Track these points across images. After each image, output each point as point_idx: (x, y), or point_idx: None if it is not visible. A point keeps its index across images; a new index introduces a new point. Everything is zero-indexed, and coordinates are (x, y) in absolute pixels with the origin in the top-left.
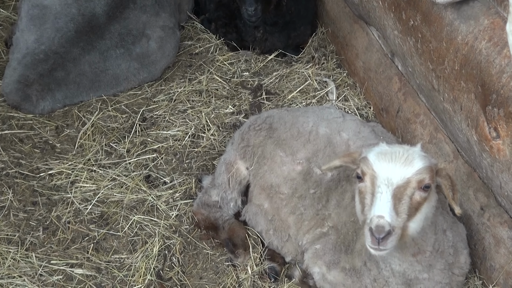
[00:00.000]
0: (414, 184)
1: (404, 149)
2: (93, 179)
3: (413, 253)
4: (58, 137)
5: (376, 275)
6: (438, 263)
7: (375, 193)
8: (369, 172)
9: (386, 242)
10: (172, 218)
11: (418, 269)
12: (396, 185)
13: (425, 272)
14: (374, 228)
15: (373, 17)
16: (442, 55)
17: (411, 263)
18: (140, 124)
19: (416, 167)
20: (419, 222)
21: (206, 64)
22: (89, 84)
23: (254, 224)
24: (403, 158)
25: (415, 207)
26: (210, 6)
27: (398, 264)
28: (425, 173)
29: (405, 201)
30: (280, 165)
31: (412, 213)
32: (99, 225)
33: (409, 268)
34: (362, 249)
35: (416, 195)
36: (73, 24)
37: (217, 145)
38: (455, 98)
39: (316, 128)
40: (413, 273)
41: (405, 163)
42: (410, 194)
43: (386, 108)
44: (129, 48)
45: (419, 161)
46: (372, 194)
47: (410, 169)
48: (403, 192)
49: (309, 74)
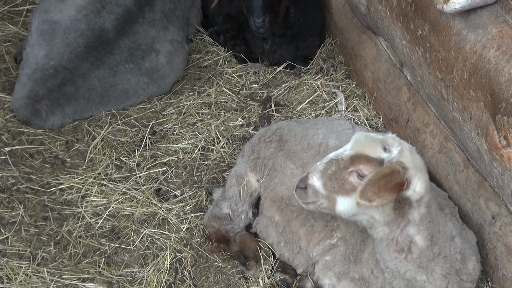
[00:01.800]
0: (348, 164)
1: (373, 136)
2: (104, 193)
3: (396, 250)
4: (68, 152)
5: (382, 282)
6: (438, 267)
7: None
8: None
9: (304, 195)
10: (183, 231)
11: (411, 268)
12: (333, 156)
13: (422, 274)
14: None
15: (381, 28)
16: (450, 64)
17: (400, 261)
18: (149, 137)
19: (355, 152)
20: (349, 205)
21: (215, 77)
22: (98, 99)
23: (265, 236)
24: (360, 141)
25: (350, 188)
26: (219, 18)
27: (389, 261)
28: (363, 163)
29: (332, 172)
30: (291, 178)
31: (343, 191)
32: (110, 239)
33: (401, 267)
34: (370, 258)
35: (352, 178)
36: (82, 39)
37: (227, 158)
38: (465, 107)
39: (326, 140)
40: (408, 272)
41: (356, 145)
42: (343, 170)
43: (395, 118)
44: (138, 63)
45: (365, 149)
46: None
47: (351, 152)
48: (337, 165)
49: (318, 85)
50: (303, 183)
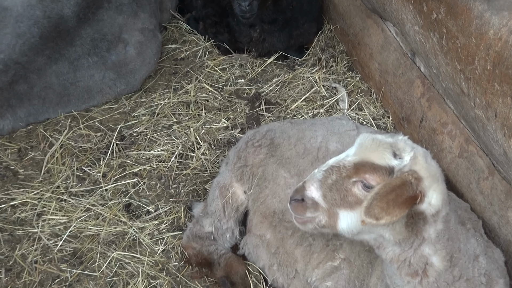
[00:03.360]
0: (351, 173)
1: (379, 140)
2: (64, 210)
3: (409, 273)
4: (21, 162)
5: None
6: None
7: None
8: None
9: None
10: (158, 254)
11: None
12: (334, 162)
13: None
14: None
15: (389, 11)
16: (471, 53)
17: (414, 286)
18: (117, 143)
19: (360, 159)
20: (353, 221)
21: (194, 71)
22: (56, 99)
23: (255, 259)
24: (365, 145)
25: (354, 201)
26: (197, 2)
27: (401, 286)
28: (369, 172)
29: (335, 182)
30: (284, 188)
31: (346, 204)
32: (72, 264)
33: None
34: (378, 283)
35: (356, 189)
36: (37, 28)
37: (209, 166)
38: (489, 103)
39: (326, 143)
40: None
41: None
42: (344, 178)
43: (407, 117)
44: (103, 56)
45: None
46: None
47: (355, 158)
48: (339, 174)
49: (316, 79)
50: (299, 194)
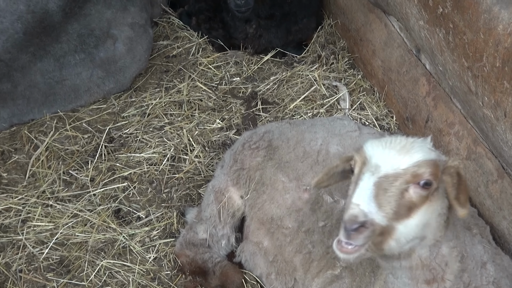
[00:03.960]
0: (408, 177)
1: (406, 138)
2: (50, 216)
3: (427, 280)
4: (4, 165)
5: None
6: None
7: (358, 180)
8: (360, 159)
9: (357, 237)
10: (149, 262)
11: None
12: (384, 173)
13: None
14: (346, 218)
15: (392, 4)
16: (479, 49)
17: None
18: (106, 145)
19: (414, 158)
20: (414, 228)
21: (187, 69)
22: (41, 98)
23: (252, 267)
24: (400, 146)
25: (409, 207)
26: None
27: None
28: (424, 167)
29: (393, 194)
30: (283, 193)
31: (403, 213)
32: (59, 273)
33: None
34: None
35: (411, 192)
36: (20, 24)
37: (203, 170)
38: (498, 103)
39: (326, 146)
40: None
41: (401, 152)
42: (401, 188)
43: (412, 117)
44: (91, 53)
45: (420, 153)
46: (355, 183)
47: (405, 159)
48: (391, 183)
49: (315, 77)
50: (356, 220)
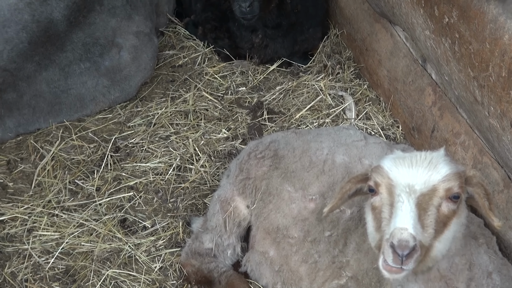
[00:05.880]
0: (442, 193)
1: (426, 153)
2: (55, 226)
3: None
4: (10, 175)
5: None
6: None
7: (395, 203)
8: (385, 181)
9: (409, 261)
10: (155, 271)
11: None
12: (420, 192)
13: None
14: (396, 243)
15: (398, 14)
16: (485, 59)
17: None
18: (112, 155)
19: (442, 173)
20: (446, 242)
21: (193, 79)
22: (47, 108)
23: (257, 277)
24: (426, 162)
25: (443, 222)
26: (196, 6)
27: None
28: (453, 180)
29: (432, 213)
30: (289, 203)
31: (439, 229)
32: (64, 283)
33: None
34: None
35: (444, 207)
36: (25, 33)
37: (209, 179)
38: (504, 112)
39: (332, 155)
40: None
41: (429, 168)
42: (436, 205)
43: (418, 127)
44: (96, 61)
45: (445, 166)
46: (390, 205)
47: (435, 175)
48: (428, 202)
49: (321, 87)
50: (408, 246)
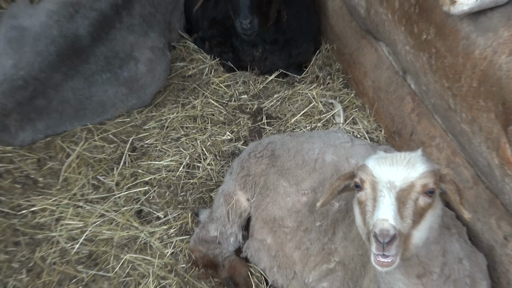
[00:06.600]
0: (418, 188)
1: (405, 154)
2: (80, 216)
3: (418, 274)
4: (40, 171)
5: None
6: None
7: (378, 197)
8: (369, 178)
9: (390, 248)
10: (167, 256)
11: None
12: (399, 188)
13: None
14: (378, 232)
15: (382, 32)
16: (458, 71)
17: (416, 287)
18: (129, 154)
19: (419, 171)
20: (424, 231)
21: (201, 87)
22: (73, 113)
23: (256, 261)
24: (405, 161)
25: (420, 213)
26: (203, 23)
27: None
28: (429, 177)
29: (410, 205)
30: (284, 196)
31: (416, 220)
32: (88, 265)
33: None
34: (370, 285)
35: (420, 201)
36: (54, 47)
37: (215, 176)
38: (474, 118)
39: (322, 155)
40: None
41: (408, 166)
42: (414, 199)
43: (398, 131)
44: (116, 72)
45: (422, 165)
46: (373, 200)
47: (413, 173)
48: (407, 196)
49: (314, 95)
50: (388, 234)
